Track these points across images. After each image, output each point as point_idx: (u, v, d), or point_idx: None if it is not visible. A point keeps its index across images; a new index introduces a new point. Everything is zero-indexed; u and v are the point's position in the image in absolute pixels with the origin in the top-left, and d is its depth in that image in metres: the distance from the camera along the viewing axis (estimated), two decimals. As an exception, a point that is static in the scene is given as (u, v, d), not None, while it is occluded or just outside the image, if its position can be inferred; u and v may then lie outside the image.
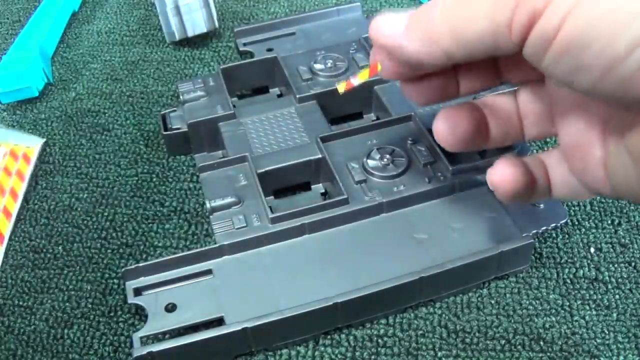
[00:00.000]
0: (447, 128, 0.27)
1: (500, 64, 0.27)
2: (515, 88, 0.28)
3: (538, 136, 0.27)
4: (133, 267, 0.32)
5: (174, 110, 0.42)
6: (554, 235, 0.36)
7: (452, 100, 0.28)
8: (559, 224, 0.35)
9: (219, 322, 0.31)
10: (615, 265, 0.35)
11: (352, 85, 0.28)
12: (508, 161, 0.26)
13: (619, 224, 0.37)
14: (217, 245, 0.33)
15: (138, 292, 0.32)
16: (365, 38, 0.45)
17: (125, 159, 0.43)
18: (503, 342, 0.32)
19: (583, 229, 0.37)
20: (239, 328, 0.30)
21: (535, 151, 0.41)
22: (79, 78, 0.50)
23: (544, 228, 0.35)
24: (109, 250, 0.37)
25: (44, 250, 0.37)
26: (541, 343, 0.32)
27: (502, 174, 0.26)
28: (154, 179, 0.41)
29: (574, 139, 0.24)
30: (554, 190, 0.27)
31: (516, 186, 0.26)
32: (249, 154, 0.37)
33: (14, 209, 0.39)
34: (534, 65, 0.21)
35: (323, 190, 0.38)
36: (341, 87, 0.29)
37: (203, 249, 0.33)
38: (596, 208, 0.38)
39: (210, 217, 0.35)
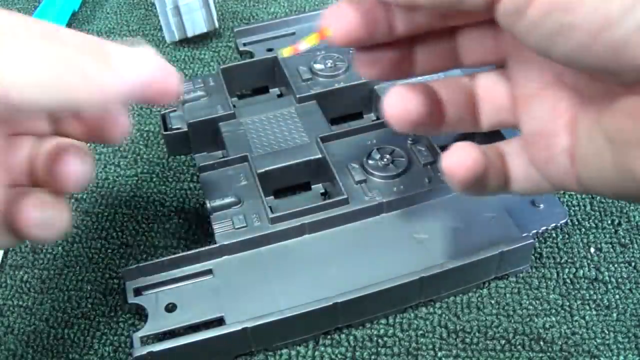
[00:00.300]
0: (397, 104, 0.24)
1: (459, 40, 0.25)
2: (475, 71, 0.26)
3: (495, 125, 0.25)
4: (133, 267, 0.32)
5: (174, 110, 0.42)
6: (554, 235, 0.36)
7: (406, 78, 0.26)
8: (559, 224, 0.35)
9: (219, 322, 0.31)
10: (615, 265, 0.35)
11: (298, 51, 0.26)
12: (465, 146, 0.24)
13: (619, 224, 0.37)
14: (217, 245, 0.33)
15: (138, 292, 0.32)
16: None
17: (125, 159, 0.43)
18: (503, 342, 0.32)
19: (583, 229, 0.37)
20: (239, 328, 0.30)
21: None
22: (79, 78, 0.50)
23: (544, 228, 0.35)
24: (109, 250, 0.37)
25: (44, 250, 0.37)
26: (541, 343, 0.32)
27: (458, 159, 0.23)
28: (154, 179, 0.41)
29: (538, 126, 0.23)
30: (513, 183, 0.25)
31: (473, 173, 0.23)
32: (249, 154, 0.37)
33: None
34: (506, 27, 0.19)
35: (323, 190, 0.38)
36: (286, 52, 0.27)
37: (203, 249, 0.33)
38: (596, 208, 0.38)
39: (210, 217, 0.35)
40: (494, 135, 0.30)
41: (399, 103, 0.24)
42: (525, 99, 0.23)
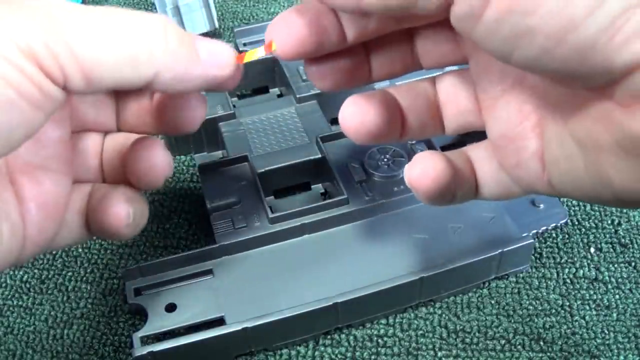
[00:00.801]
0: (353, 117, 0.23)
1: (417, 42, 0.23)
2: (435, 74, 0.25)
3: (460, 129, 0.24)
4: (133, 267, 0.32)
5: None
6: (554, 235, 0.36)
7: (364, 86, 0.24)
8: (559, 224, 0.35)
9: (219, 322, 0.31)
10: (615, 265, 0.35)
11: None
12: (429, 155, 0.23)
13: (619, 224, 0.37)
14: (217, 245, 0.33)
15: (138, 292, 0.32)
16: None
17: (125, 159, 0.43)
18: (503, 342, 0.32)
19: (583, 229, 0.37)
20: (239, 328, 0.30)
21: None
22: (78, 78, 0.50)
23: (544, 228, 0.35)
24: (108, 250, 0.37)
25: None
26: (541, 343, 0.32)
27: (422, 171, 0.22)
28: (154, 179, 0.41)
29: (504, 129, 0.21)
30: (482, 189, 0.24)
31: (438, 185, 0.22)
32: (249, 154, 0.37)
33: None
34: (462, 32, 0.18)
35: (323, 190, 0.38)
36: None
37: (203, 249, 0.33)
38: (596, 208, 0.38)
39: (210, 217, 0.35)
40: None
41: (355, 114, 0.23)
42: (489, 102, 0.22)
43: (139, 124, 0.26)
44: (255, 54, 0.23)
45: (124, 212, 0.24)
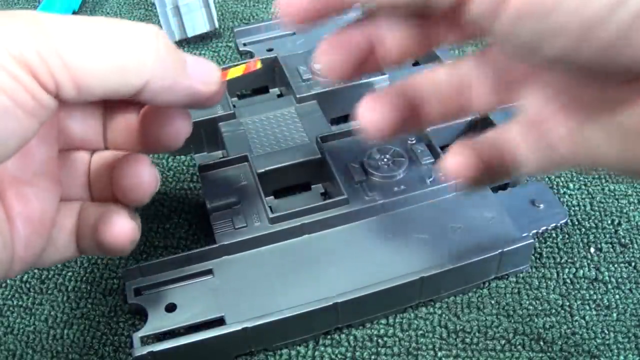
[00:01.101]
0: (368, 117, 0.23)
1: (431, 21, 0.22)
2: (454, 60, 0.24)
3: (488, 109, 0.24)
4: (133, 267, 0.32)
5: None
6: (554, 235, 0.36)
7: (375, 72, 0.24)
8: (559, 224, 0.35)
9: (219, 322, 0.31)
10: (615, 265, 0.35)
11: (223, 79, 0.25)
12: (462, 147, 0.23)
13: (619, 224, 0.37)
14: (217, 245, 0.33)
15: (138, 292, 0.32)
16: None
17: (125, 159, 0.43)
18: (503, 342, 0.32)
19: (583, 229, 0.37)
20: (239, 328, 0.30)
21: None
22: (78, 78, 0.50)
23: (544, 228, 0.35)
24: (108, 250, 0.37)
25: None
26: (541, 343, 0.32)
27: (456, 163, 0.23)
28: (154, 179, 0.41)
29: (533, 109, 0.21)
30: (523, 164, 0.23)
31: (476, 173, 0.22)
32: (249, 154, 0.37)
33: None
34: (481, 32, 0.17)
35: (323, 190, 0.38)
36: None
37: (203, 249, 0.33)
38: (596, 208, 0.38)
39: (210, 217, 0.35)
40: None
41: (370, 115, 0.23)
42: (513, 83, 0.22)
43: (126, 142, 0.26)
44: (239, 71, 0.24)
45: (129, 228, 0.25)
